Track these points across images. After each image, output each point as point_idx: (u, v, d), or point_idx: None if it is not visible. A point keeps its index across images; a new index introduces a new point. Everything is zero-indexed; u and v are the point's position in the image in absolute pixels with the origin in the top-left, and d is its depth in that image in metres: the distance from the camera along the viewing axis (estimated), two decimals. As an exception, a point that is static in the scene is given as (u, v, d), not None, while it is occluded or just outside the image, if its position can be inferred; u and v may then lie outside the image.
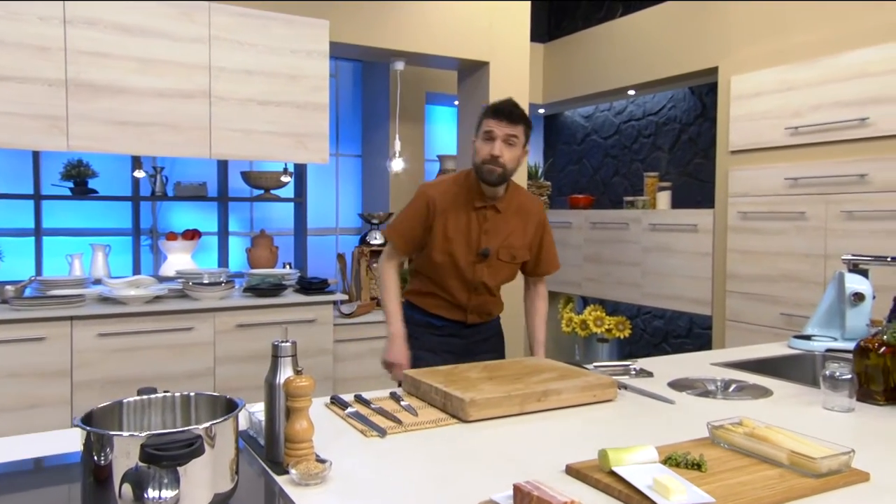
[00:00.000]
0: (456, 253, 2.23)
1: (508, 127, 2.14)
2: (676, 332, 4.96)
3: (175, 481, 0.98)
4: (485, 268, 2.27)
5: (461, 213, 2.23)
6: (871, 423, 1.58)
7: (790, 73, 3.56)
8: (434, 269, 2.27)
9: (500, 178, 2.17)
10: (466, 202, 2.24)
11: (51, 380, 2.96)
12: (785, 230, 3.59)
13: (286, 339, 1.30)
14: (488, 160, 2.14)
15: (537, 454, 1.34)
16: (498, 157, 2.13)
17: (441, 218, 2.22)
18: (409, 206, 2.29)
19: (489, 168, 2.15)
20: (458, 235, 2.22)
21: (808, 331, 2.53)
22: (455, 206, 2.23)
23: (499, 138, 2.13)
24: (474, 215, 2.24)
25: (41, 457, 1.30)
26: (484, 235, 2.24)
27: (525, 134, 2.19)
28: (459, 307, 2.31)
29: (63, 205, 4.01)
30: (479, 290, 2.31)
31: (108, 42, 3.12)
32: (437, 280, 2.29)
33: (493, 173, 2.16)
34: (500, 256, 2.27)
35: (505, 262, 2.29)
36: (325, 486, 1.18)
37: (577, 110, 5.72)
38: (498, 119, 2.14)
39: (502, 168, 2.15)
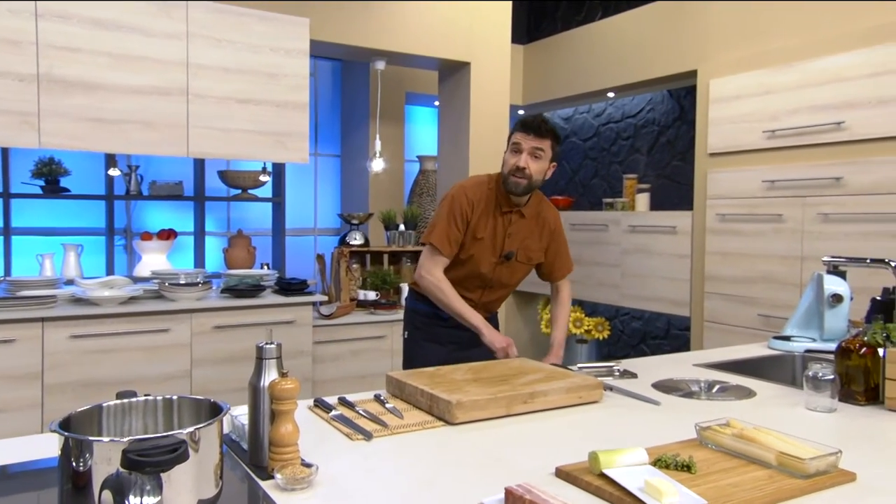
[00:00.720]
0: (481, 253, 2.31)
1: (535, 140, 2.20)
2: (654, 333, 4.99)
3: (157, 487, 0.95)
4: (504, 268, 2.36)
5: (490, 216, 2.30)
6: (854, 423, 1.59)
7: (768, 77, 3.60)
8: (453, 265, 2.33)
9: (525, 189, 2.25)
10: (495, 206, 2.31)
11: (21, 383, 2.88)
12: (763, 232, 3.63)
13: (271, 340, 1.27)
14: (514, 171, 2.22)
15: (526, 456, 1.33)
16: (523, 168, 2.20)
17: (476, 218, 2.29)
18: (449, 210, 2.29)
19: (515, 180, 2.23)
20: (486, 237, 2.30)
21: (787, 332, 2.56)
22: (486, 209, 2.30)
23: (525, 151, 2.20)
24: (501, 219, 2.31)
25: (6, 464, 1.25)
26: (507, 238, 2.32)
27: (552, 148, 2.26)
28: (473, 305, 2.35)
29: (34, 203, 3.92)
30: (494, 288, 2.40)
31: (82, 37, 3.05)
32: (459, 274, 2.34)
33: (518, 185, 2.23)
34: (518, 258, 2.36)
35: (522, 262, 2.39)
36: (311, 492, 1.15)
37: (557, 112, 5.74)
38: (525, 132, 2.21)
39: (528, 179, 2.22)
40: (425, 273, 2.31)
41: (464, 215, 2.27)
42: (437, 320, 2.41)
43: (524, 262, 2.39)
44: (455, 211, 2.27)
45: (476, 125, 4.23)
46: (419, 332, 2.44)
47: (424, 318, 2.43)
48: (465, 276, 2.34)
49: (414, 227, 4.43)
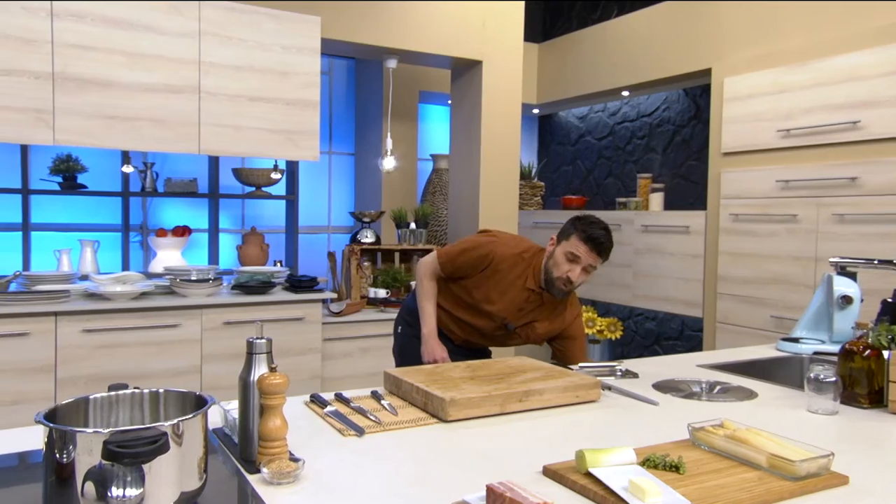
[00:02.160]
0: (485, 309, 2.28)
1: (595, 259, 2.14)
2: (668, 333, 4.95)
3: (140, 479, 0.96)
4: (500, 333, 2.34)
5: (513, 284, 2.24)
6: (855, 426, 1.57)
7: (782, 75, 3.55)
8: (464, 304, 2.32)
9: (565, 295, 2.23)
10: (524, 280, 2.25)
11: (34, 375, 2.93)
12: (776, 232, 3.58)
13: (261, 335, 1.28)
14: (564, 280, 2.15)
15: (516, 455, 1.33)
16: (574, 281, 2.15)
17: (493, 276, 2.25)
18: (471, 248, 2.28)
19: (560, 288, 2.18)
20: (498, 301, 2.26)
21: (796, 333, 2.52)
22: (511, 276, 2.25)
23: (581, 265, 2.13)
24: (522, 293, 2.25)
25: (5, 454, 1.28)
26: (518, 311, 2.27)
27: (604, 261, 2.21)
28: (451, 332, 2.40)
29: (52, 199, 3.98)
30: (486, 339, 2.39)
31: (96, 35, 3.10)
32: (463, 311, 2.34)
33: (562, 293, 2.20)
34: (517, 332, 2.32)
35: (520, 336, 2.34)
36: (297, 486, 1.16)
37: (572, 111, 5.71)
38: (590, 249, 2.12)
39: (572, 289, 2.19)
40: (425, 266, 2.35)
41: (478, 263, 2.25)
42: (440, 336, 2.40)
43: (521, 337, 2.35)
44: (474, 251, 2.26)
45: (487, 124, 4.22)
46: (411, 328, 2.43)
47: (416, 317, 2.43)
48: (464, 308, 2.33)
49: (425, 225, 4.44)
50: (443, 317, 2.38)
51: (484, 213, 4.23)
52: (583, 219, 2.17)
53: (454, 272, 2.31)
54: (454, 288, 2.34)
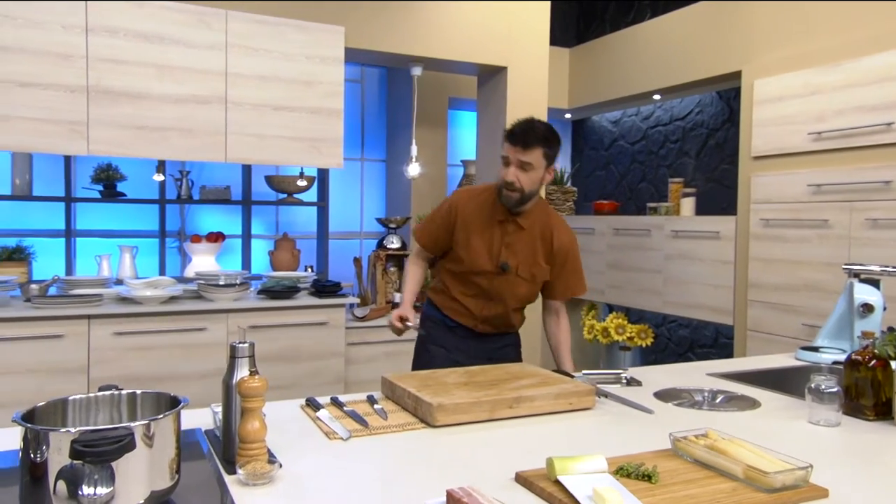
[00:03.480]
0: (476, 262, 2.24)
1: (522, 153, 2.10)
2: (702, 341, 4.86)
3: (110, 478, 1.00)
4: (504, 282, 2.25)
5: (485, 223, 2.23)
6: (856, 439, 1.52)
7: (814, 76, 3.46)
8: (453, 273, 2.31)
9: (517, 202, 2.17)
10: (491, 214, 2.23)
11: (69, 376, 3.05)
12: (808, 238, 3.48)
13: (244, 340, 1.32)
14: (505, 185, 2.14)
15: (495, 461, 1.33)
16: (512, 182, 2.11)
17: (463, 225, 2.24)
18: (436, 209, 2.35)
19: (507, 194, 2.15)
20: (480, 245, 2.22)
21: (817, 342, 2.46)
22: (480, 216, 2.23)
23: (513, 164, 2.11)
24: (497, 228, 2.23)
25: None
26: (505, 249, 2.22)
27: (545, 157, 2.13)
28: (471, 315, 2.32)
29: (94, 207, 4.15)
30: (495, 303, 2.29)
31: (128, 49, 3.22)
32: (453, 284, 2.32)
33: (510, 199, 2.16)
34: (520, 273, 2.25)
35: (524, 279, 2.26)
36: (271, 487, 1.19)
37: (605, 115, 5.66)
38: (513, 144, 2.11)
39: (519, 193, 2.14)
40: (411, 253, 2.47)
41: (446, 217, 2.27)
42: (445, 327, 2.39)
43: (526, 279, 2.27)
44: (441, 210, 2.31)
45: (513, 129, 4.22)
46: (430, 336, 2.41)
47: (433, 323, 2.42)
48: (464, 278, 2.29)
49: (453, 231, 4.45)
50: (457, 306, 2.33)
51: (510, 219, 4.22)
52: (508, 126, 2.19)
53: (434, 243, 2.33)
54: (449, 266, 2.33)
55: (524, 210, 2.22)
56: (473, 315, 2.32)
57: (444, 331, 2.39)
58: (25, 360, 2.98)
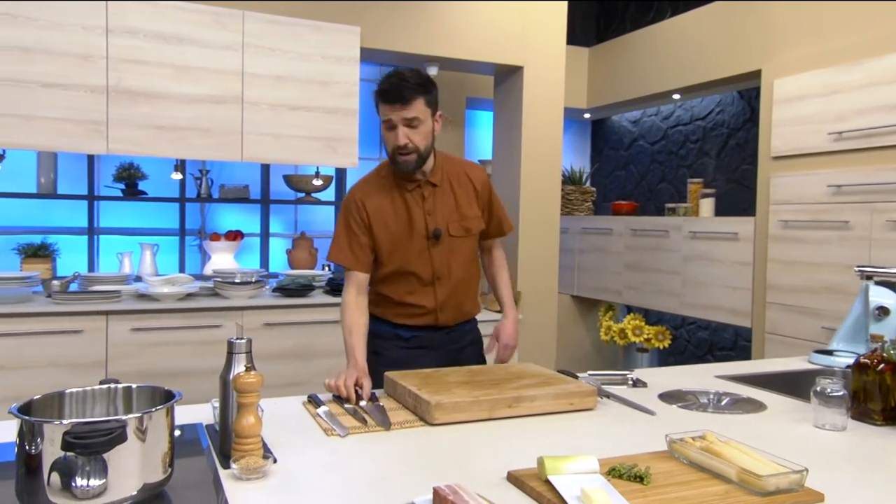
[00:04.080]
0: (404, 243, 2.02)
1: (403, 109, 1.89)
2: (721, 344, 4.80)
3: (102, 470, 1.02)
4: (440, 250, 2.05)
5: (396, 201, 2.02)
6: (861, 444, 1.50)
7: (834, 75, 3.40)
8: (389, 271, 2.05)
9: (417, 164, 1.96)
10: (397, 188, 2.02)
11: (87, 371, 3.11)
12: (828, 240, 3.43)
13: (241, 336, 1.34)
14: (398, 150, 1.93)
15: (489, 459, 1.33)
16: (405, 144, 1.91)
17: (376, 215, 2.01)
18: (341, 220, 2.05)
19: (403, 159, 1.94)
20: (401, 223, 2.02)
21: (832, 345, 2.42)
22: (388, 197, 2.02)
23: (399, 124, 1.90)
24: (410, 197, 2.02)
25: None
26: (429, 217, 2.03)
27: (428, 104, 1.93)
28: (427, 309, 2.07)
29: (116, 205, 4.22)
30: (443, 280, 2.07)
31: (147, 50, 3.27)
32: (395, 282, 2.06)
33: (407, 164, 1.95)
34: (451, 232, 2.06)
35: (459, 237, 2.08)
36: (263, 482, 1.20)
37: (625, 115, 5.62)
38: (389, 103, 1.90)
39: (415, 153, 1.93)
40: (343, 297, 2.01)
41: (359, 216, 2.01)
42: (398, 341, 2.11)
43: (461, 236, 2.07)
44: (348, 217, 2.02)
45: (529, 129, 4.21)
46: (381, 357, 2.07)
47: (382, 340, 2.11)
48: (400, 278, 2.04)
49: (469, 230, 4.45)
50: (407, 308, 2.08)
51: (525, 218, 4.22)
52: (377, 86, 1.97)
53: (366, 257, 2.02)
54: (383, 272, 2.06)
55: (428, 169, 2.03)
56: (427, 309, 2.07)
57: (397, 346, 2.11)
58: (46, 354, 3.04)
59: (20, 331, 3.00)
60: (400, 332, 2.11)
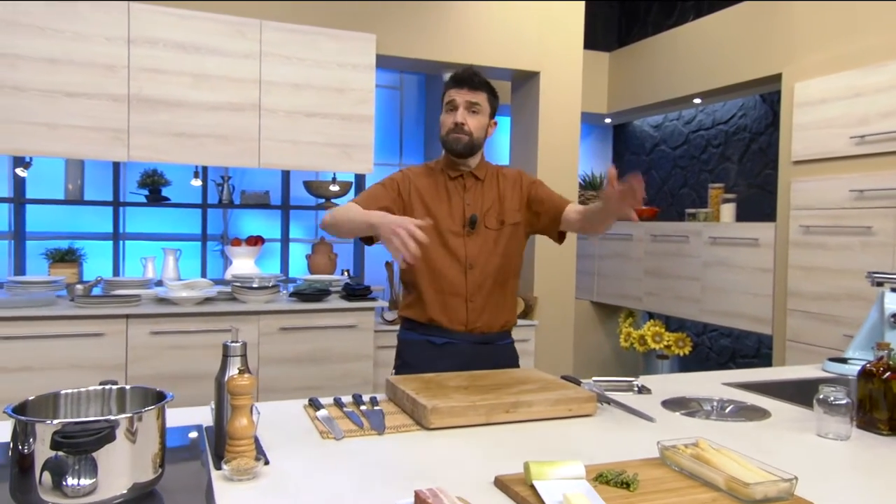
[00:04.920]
0: (440, 225, 2.07)
1: (469, 94, 2.06)
2: (744, 351, 4.73)
3: (93, 469, 1.04)
4: (476, 240, 2.09)
5: (439, 186, 2.12)
6: (864, 454, 1.47)
7: (857, 78, 3.34)
8: (421, 270, 2.06)
9: (466, 146, 2.07)
10: (443, 177, 2.13)
11: (107, 373, 3.17)
12: (850, 245, 3.36)
13: (236, 339, 1.36)
14: (452, 129, 2.06)
15: (481, 464, 1.34)
16: (462, 124, 2.04)
17: (418, 193, 2.10)
18: (382, 182, 2.14)
19: (454, 137, 2.06)
20: (441, 206, 2.09)
21: (848, 353, 2.38)
22: (433, 182, 2.12)
23: (461, 106, 2.05)
24: (453, 185, 2.12)
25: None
26: (467, 205, 2.11)
27: (489, 102, 2.10)
28: (458, 311, 2.06)
29: (141, 211, 4.31)
30: (475, 269, 2.07)
31: (167, 59, 3.35)
32: (427, 282, 2.07)
33: (459, 142, 2.06)
34: (486, 224, 2.11)
35: (493, 229, 2.10)
36: (253, 483, 1.22)
37: (646, 119, 5.58)
38: (459, 87, 2.07)
39: (468, 136, 2.05)
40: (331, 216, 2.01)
41: (388, 185, 2.10)
42: (428, 347, 2.11)
43: (495, 228, 2.10)
44: (387, 180, 2.13)
45: (545, 135, 4.20)
46: (409, 368, 2.09)
47: (412, 346, 2.15)
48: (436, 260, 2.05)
49: (487, 236, 4.45)
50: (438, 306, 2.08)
51: (543, 225, 4.20)
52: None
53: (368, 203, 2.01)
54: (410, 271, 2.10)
55: (474, 164, 2.14)
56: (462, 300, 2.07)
57: (428, 354, 2.10)
58: (67, 357, 3.12)
59: (44, 333, 3.08)
60: (432, 338, 2.11)
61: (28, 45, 3.16)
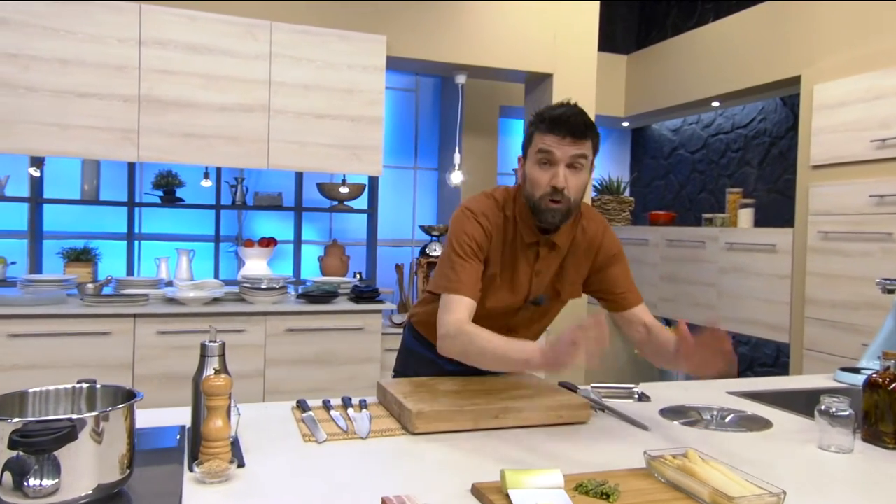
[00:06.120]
0: (496, 295, 1.72)
1: (574, 146, 1.55)
2: (762, 359, 4.62)
3: (55, 469, 1.02)
4: (527, 311, 1.78)
5: (507, 249, 1.69)
6: (866, 468, 1.40)
7: (878, 80, 3.25)
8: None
9: (564, 217, 1.61)
10: (515, 236, 1.68)
11: (114, 372, 3.19)
12: (870, 252, 3.26)
13: (214, 339, 1.34)
14: (549, 194, 1.57)
15: (461, 471, 1.30)
16: (562, 189, 1.56)
17: (490, 255, 1.69)
18: (457, 240, 1.66)
19: (552, 207, 1.58)
20: (504, 279, 1.68)
21: (862, 363, 2.30)
22: (506, 241, 1.68)
23: (561, 163, 1.56)
24: (523, 254, 1.69)
25: None
26: (535, 278, 1.71)
27: (594, 148, 1.61)
28: None
29: (156, 212, 4.34)
30: (518, 332, 1.79)
31: (177, 60, 3.36)
32: None
33: (556, 213, 1.59)
34: (549, 302, 1.80)
35: (554, 303, 1.83)
36: (224, 486, 1.20)
37: (665, 123, 5.50)
38: (559, 135, 1.54)
39: (567, 203, 1.58)
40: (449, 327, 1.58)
41: (482, 249, 1.66)
42: (435, 368, 1.87)
43: (557, 303, 1.83)
44: (475, 241, 1.65)
45: (558, 137, 4.15)
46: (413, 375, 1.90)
47: (417, 360, 1.95)
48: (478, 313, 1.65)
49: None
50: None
51: (555, 228, 4.15)
52: (538, 112, 1.62)
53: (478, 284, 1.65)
54: None
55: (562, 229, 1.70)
56: None
57: (433, 372, 1.88)
58: (75, 356, 3.13)
59: (52, 331, 3.10)
60: (444, 364, 1.80)
61: (40, 47, 3.19)
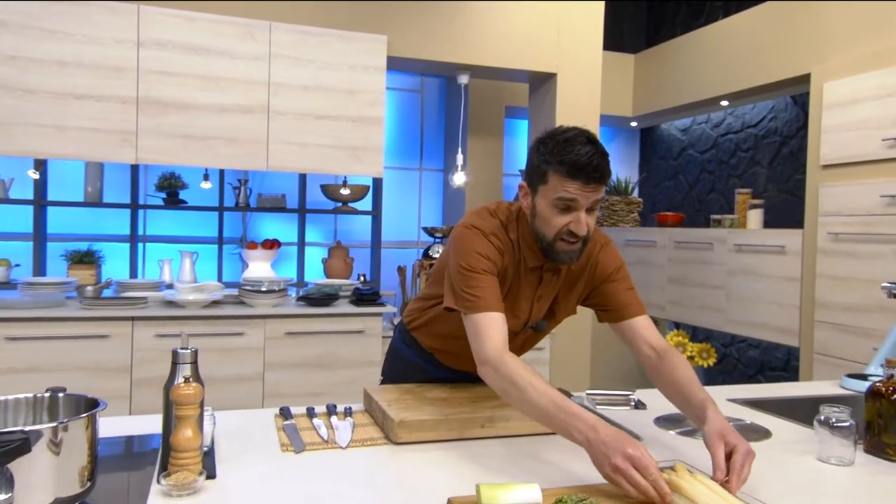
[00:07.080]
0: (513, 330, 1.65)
1: (596, 191, 1.47)
2: (773, 363, 4.53)
3: (7, 482, 0.99)
4: (525, 337, 1.75)
5: (511, 273, 1.63)
6: (866, 481, 1.34)
7: (890, 77, 3.16)
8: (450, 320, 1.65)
9: (580, 255, 1.56)
10: (519, 260, 1.62)
11: (112, 375, 3.17)
12: (881, 254, 3.18)
13: (186, 346, 1.30)
14: (567, 238, 1.50)
15: (440, 483, 1.25)
16: (582, 234, 1.49)
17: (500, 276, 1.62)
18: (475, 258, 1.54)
19: (570, 248, 1.52)
20: (507, 303, 1.60)
21: (870, 369, 2.22)
22: (512, 263, 1.62)
23: (583, 208, 1.47)
24: (526, 279, 1.64)
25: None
26: (537, 303, 1.68)
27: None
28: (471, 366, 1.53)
29: (160, 214, 4.33)
30: (525, 349, 1.81)
31: (176, 61, 3.34)
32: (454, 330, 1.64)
33: (573, 255, 1.54)
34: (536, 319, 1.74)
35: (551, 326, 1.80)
36: (192, 499, 1.16)
37: (674, 123, 5.41)
38: (582, 181, 1.44)
39: (583, 242, 1.53)
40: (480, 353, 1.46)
41: (496, 267, 1.57)
42: (425, 374, 1.86)
43: (553, 324, 1.78)
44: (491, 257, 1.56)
45: (562, 137, 4.09)
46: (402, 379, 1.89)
47: (408, 363, 1.90)
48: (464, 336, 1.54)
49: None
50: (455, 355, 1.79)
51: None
52: (550, 140, 1.48)
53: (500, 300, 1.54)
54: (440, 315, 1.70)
55: None
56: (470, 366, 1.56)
57: (424, 377, 1.86)
58: (73, 359, 3.12)
59: (50, 334, 3.09)
60: (433, 369, 1.85)
61: (38, 49, 3.18)
